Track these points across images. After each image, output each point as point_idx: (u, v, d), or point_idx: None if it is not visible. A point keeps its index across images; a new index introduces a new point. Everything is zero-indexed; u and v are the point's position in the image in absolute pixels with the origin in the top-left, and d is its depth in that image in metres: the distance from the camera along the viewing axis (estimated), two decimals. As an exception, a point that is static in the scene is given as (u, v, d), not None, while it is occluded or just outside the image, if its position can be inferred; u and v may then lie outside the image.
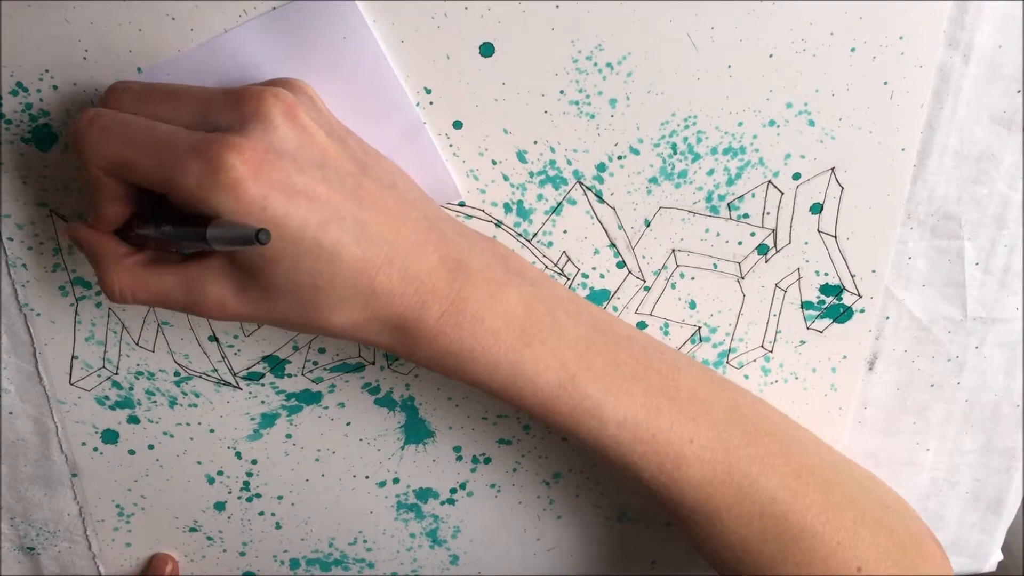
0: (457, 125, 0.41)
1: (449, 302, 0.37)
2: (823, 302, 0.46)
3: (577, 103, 0.41)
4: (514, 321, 0.38)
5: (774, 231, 0.44)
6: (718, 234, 0.44)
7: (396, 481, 0.51)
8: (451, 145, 0.41)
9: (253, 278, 0.35)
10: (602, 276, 0.45)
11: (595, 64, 0.40)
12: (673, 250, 0.44)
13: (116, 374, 0.47)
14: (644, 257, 0.45)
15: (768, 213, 0.44)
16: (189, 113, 0.35)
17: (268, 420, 0.49)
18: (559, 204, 0.43)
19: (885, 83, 0.40)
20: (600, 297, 0.46)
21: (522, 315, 0.38)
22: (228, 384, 0.48)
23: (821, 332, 0.47)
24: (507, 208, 0.43)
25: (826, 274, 0.45)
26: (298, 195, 0.33)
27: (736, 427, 0.41)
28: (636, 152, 0.42)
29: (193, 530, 0.53)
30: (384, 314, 0.36)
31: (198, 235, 0.33)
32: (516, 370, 0.38)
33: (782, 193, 0.43)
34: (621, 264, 0.45)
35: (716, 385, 0.43)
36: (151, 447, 0.49)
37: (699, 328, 0.47)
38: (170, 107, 0.35)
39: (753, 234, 0.44)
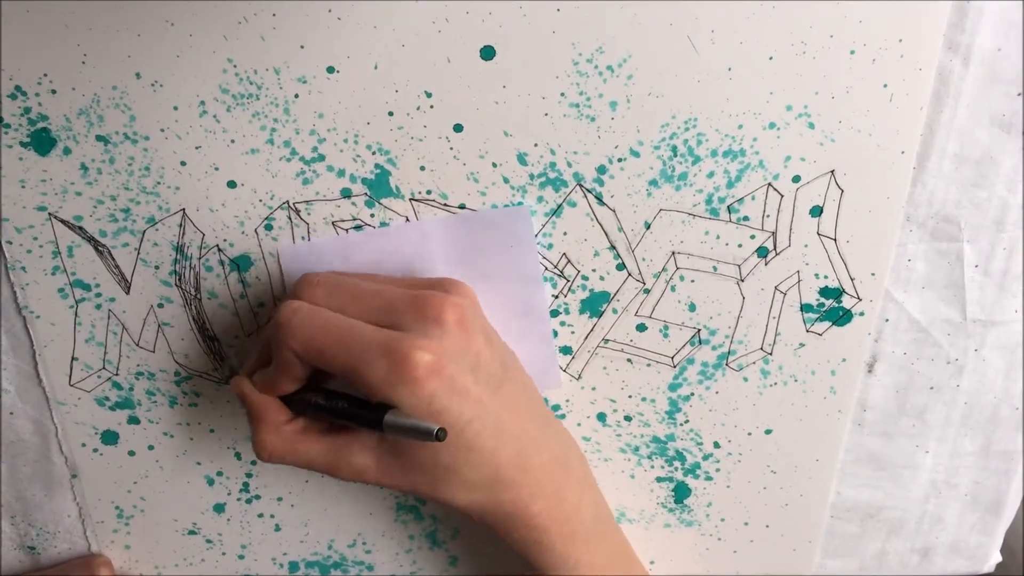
0: (458, 128, 0.41)
1: (551, 499, 0.43)
2: (823, 305, 0.46)
3: (577, 105, 0.41)
4: (587, 525, 0.45)
5: (774, 234, 0.44)
6: (718, 237, 0.44)
7: (396, 482, 0.51)
8: (451, 148, 0.41)
9: (397, 456, 0.40)
10: (602, 278, 0.45)
11: (595, 67, 0.40)
12: (673, 252, 0.44)
13: (116, 375, 0.47)
14: (644, 259, 0.45)
15: (768, 216, 0.44)
16: (376, 311, 0.40)
17: (268, 422, 0.49)
18: (559, 206, 0.43)
19: (885, 86, 0.40)
20: (600, 299, 0.46)
21: (590, 520, 0.45)
22: (228, 384, 0.48)
23: (821, 335, 0.47)
24: (507, 211, 0.43)
25: (826, 277, 0.45)
26: (457, 393, 0.38)
27: None
28: (636, 154, 0.42)
29: (192, 532, 0.53)
30: (501, 500, 0.42)
31: (373, 420, 0.38)
32: (578, 568, 0.44)
33: (782, 196, 0.43)
34: (621, 266, 0.45)
35: None
36: (151, 448, 0.49)
37: (699, 330, 0.47)
38: (359, 305, 0.40)
39: (753, 237, 0.44)
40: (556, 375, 0.48)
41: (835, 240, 0.44)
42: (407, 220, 0.43)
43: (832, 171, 0.42)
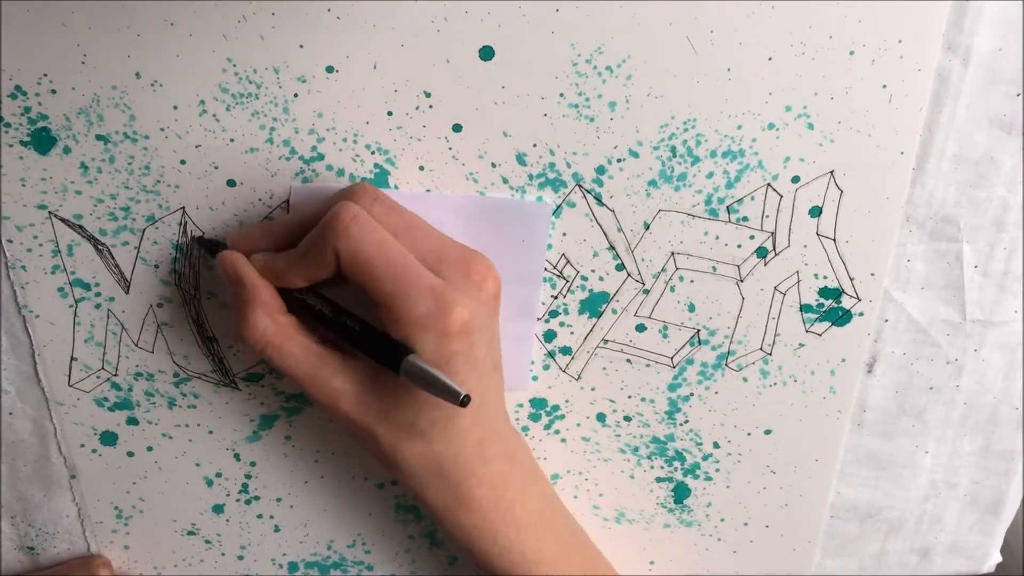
0: (457, 128, 0.41)
1: (497, 487, 0.43)
2: (822, 305, 0.46)
3: (577, 106, 0.41)
4: (533, 515, 0.44)
5: (773, 234, 0.44)
6: (717, 237, 0.44)
7: (395, 483, 0.51)
8: (451, 148, 0.41)
9: (378, 397, 0.40)
10: (601, 279, 0.45)
11: (594, 67, 0.40)
12: (672, 253, 0.44)
13: (115, 375, 0.47)
14: (643, 260, 0.45)
15: (767, 216, 0.44)
16: (425, 251, 0.39)
17: (267, 422, 0.49)
18: (558, 206, 0.43)
19: (884, 86, 0.40)
20: (599, 300, 0.46)
21: (537, 511, 0.45)
22: (227, 385, 0.48)
23: (820, 335, 0.47)
24: (506, 211, 0.43)
25: (825, 277, 0.45)
26: (470, 361, 0.38)
27: None
28: (635, 155, 0.42)
29: (191, 533, 0.52)
30: (451, 479, 0.41)
31: (391, 354, 0.37)
32: (524, 556, 0.44)
33: (781, 196, 0.43)
34: (620, 267, 0.45)
35: None
36: (150, 449, 0.49)
37: (698, 331, 0.47)
38: (412, 238, 0.39)
39: (752, 237, 0.44)
40: (526, 379, 0.48)
41: (834, 240, 0.44)
42: (427, 191, 0.43)
43: (831, 171, 0.42)
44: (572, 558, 0.46)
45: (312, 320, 0.40)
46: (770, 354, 0.47)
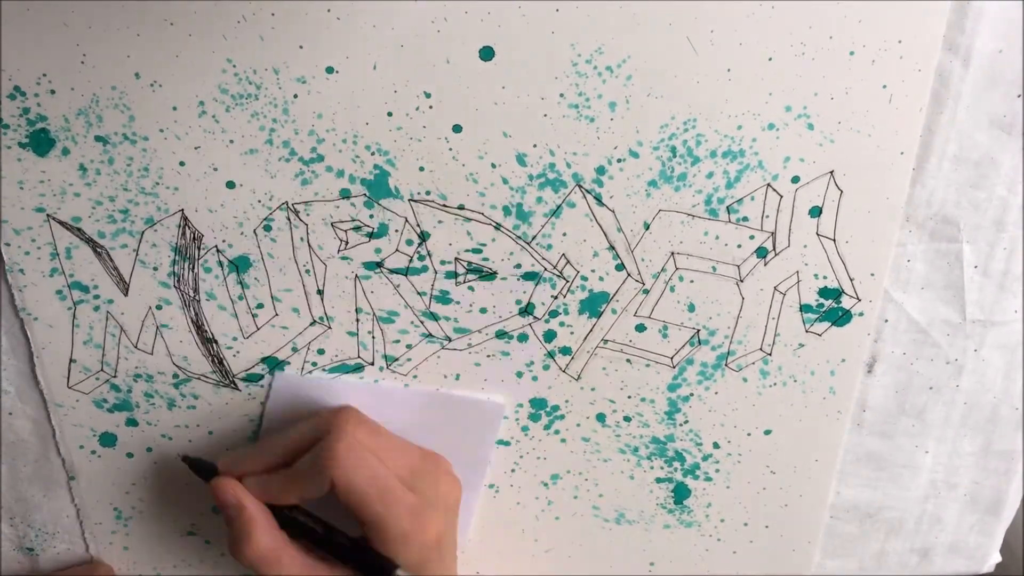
0: (457, 129, 0.41)
1: None
2: (822, 305, 0.46)
3: (577, 106, 0.41)
4: None
5: (773, 234, 0.44)
6: (717, 237, 0.44)
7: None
8: (451, 148, 0.41)
9: None
10: (601, 279, 0.45)
11: (595, 67, 0.40)
12: (672, 253, 0.44)
13: (114, 377, 0.47)
14: (643, 260, 0.45)
15: (767, 216, 0.44)
16: (400, 468, 0.44)
17: (267, 423, 0.49)
18: (558, 207, 0.43)
19: (884, 86, 0.40)
20: (599, 300, 0.45)
21: None
22: (227, 386, 0.48)
23: (820, 335, 0.47)
24: (506, 211, 0.43)
25: (825, 277, 0.45)
26: (442, 562, 0.44)
27: None
28: (635, 155, 0.42)
29: (191, 534, 0.52)
30: None
31: (380, 570, 0.42)
32: None
33: (781, 196, 0.43)
34: (620, 267, 0.45)
35: None
36: (149, 450, 0.49)
37: (698, 331, 0.47)
38: (391, 459, 0.44)
39: (752, 237, 0.44)
40: (463, 540, 0.52)
41: (834, 240, 0.44)
42: (381, 384, 0.48)
43: (831, 172, 0.42)
44: None
45: (302, 536, 0.44)
46: (770, 354, 0.47)
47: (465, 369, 0.48)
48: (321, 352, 0.47)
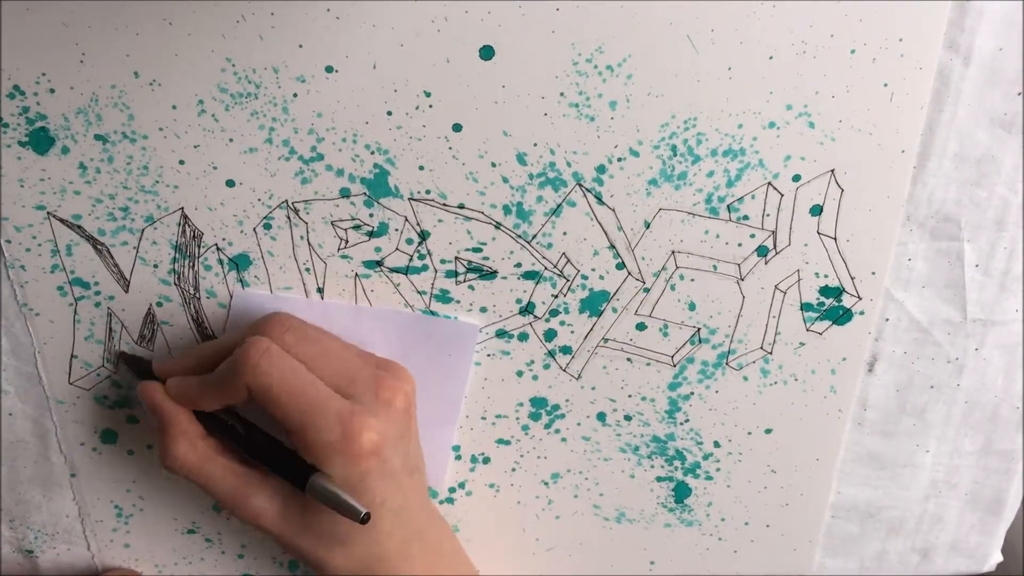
0: (457, 128, 0.41)
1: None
2: (823, 304, 0.46)
3: (577, 105, 0.41)
4: None
5: (774, 233, 0.44)
6: (718, 236, 0.44)
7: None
8: (451, 147, 0.41)
9: (300, 513, 0.41)
10: (601, 278, 0.45)
11: (595, 66, 0.40)
12: (673, 252, 0.44)
13: (116, 373, 0.47)
14: (644, 259, 0.44)
15: (768, 215, 0.43)
16: (336, 376, 0.41)
17: (267, 421, 0.49)
18: (559, 206, 0.43)
19: (885, 85, 0.40)
20: (600, 299, 0.45)
21: None
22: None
23: (821, 334, 0.47)
24: (507, 210, 0.43)
25: (826, 276, 0.45)
26: (385, 475, 0.40)
27: None
28: (636, 154, 0.42)
29: (192, 531, 0.52)
30: (376, 567, 0.43)
31: (298, 475, 0.39)
32: None
33: (782, 195, 0.43)
34: (621, 266, 0.45)
35: None
36: (150, 447, 0.49)
37: (698, 329, 0.46)
38: (322, 364, 0.41)
39: (753, 236, 0.44)
40: (442, 480, 0.51)
41: (835, 239, 0.44)
42: (359, 304, 0.45)
43: (832, 170, 0.42)
44: None
45: (232, 440, 0.43)
46: (771, 353, 0.47)
47: (465, 368, 0.48)
48: (321, 350, 0.47)
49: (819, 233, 0.44)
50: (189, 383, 0.42)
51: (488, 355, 0.47)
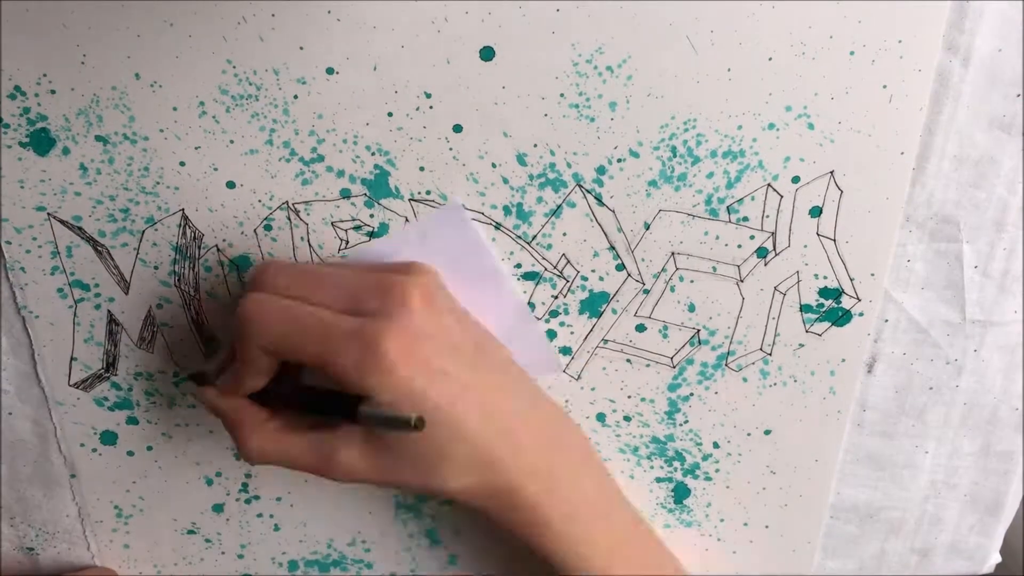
0: (457, 129, 0.41)
1: (545, 479, 0.41)
2: (822, 305, 0.46)
3: (577, 106, 0.41)
4: (588, 505, 0.43)
5: (773, 234, 0.44)
6: (717, 237, 0.44)
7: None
8: (451, 148, 0.41)
9: (383, 448, 0.39)
10: (601, 279, 0.45)
11: (595, 67, 0.40)
12: (672, 253, 0.44)
13: (115, 375, 0.47)
14: (643, 260, 0.45)
15: (767, 216, 0.43)
16: (340, 298, 0.39)
17: (267, 422, 0.49)
18: (559, 207, 0.43)
19: (884, 87, 0.40)
20: (599, 300, 0.46)
21: (592, 500, 0.44)
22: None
23: (820, 335, 0.47)
24: (507, 211, 0.43)
25: (825, 277, 0.45)
26: (435, 374, 0.37)
27: None
28: (636, 155, 0.42)
29: (191, 532, 0.53)
30: (494, 483, 0.40)
31: (348, 411, 0.37)
32: (579, 548, 0.42)
33: (781, 196, 0.43)
34: (620, 267, 0.45)
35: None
36: (150, 448, 0.49)
37: (698, 331, 0.47)
38: (321, 292, 0.39)
39: (752, 237, 0.44)
40: (553, 359, 0.47)
41: (834, 240, 0.44)
42: (388, 228, 0.43)
43: (831, 172, 0.42)
44: (630, 552, 0.45)
45: (293, 407, 0.41)
46: (770, 354, 0.47)
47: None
48: (321, 351, 0.47)
49: (818, 234, 0.44)
50: (226, 376, 0.42)
51: (488, 356, 0.47)
